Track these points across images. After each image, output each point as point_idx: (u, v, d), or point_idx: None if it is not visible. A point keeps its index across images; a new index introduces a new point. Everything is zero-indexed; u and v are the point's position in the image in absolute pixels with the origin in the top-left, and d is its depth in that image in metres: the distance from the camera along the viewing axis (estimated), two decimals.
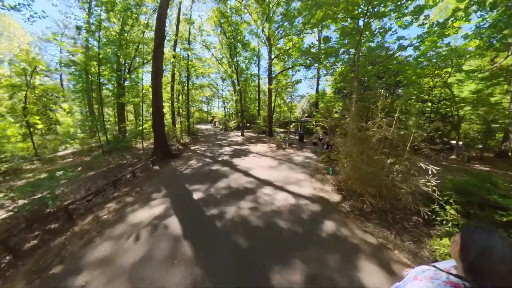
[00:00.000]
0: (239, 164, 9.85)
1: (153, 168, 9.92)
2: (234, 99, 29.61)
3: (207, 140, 20.06)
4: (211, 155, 12.37)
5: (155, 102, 10.93)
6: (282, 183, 7.26)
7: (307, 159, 11.83)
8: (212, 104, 52.72)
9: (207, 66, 34.09)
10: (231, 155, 12.19)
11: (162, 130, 11.36)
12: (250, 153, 12.75)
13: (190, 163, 10.51)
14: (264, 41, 23.23)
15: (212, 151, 13.67)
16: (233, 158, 11.16)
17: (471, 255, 1.01)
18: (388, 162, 5.65)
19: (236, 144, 16.95)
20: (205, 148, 15.11)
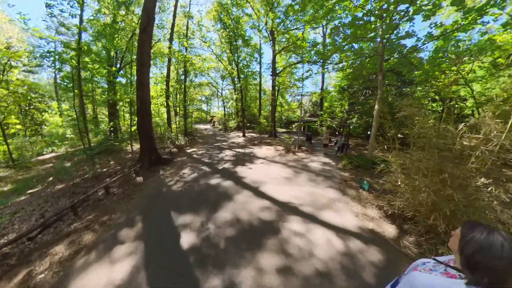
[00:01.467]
0: (245, 176, 7.58)
1: (136, 180, 7.66)
2: (234, 98, 27.34)
3: (205, 141, 17.78)
4: (209, 161, 10.10)
5: (139, 96, 8.65)
6: (312, 207, 5.04)
7: (325, 165, 9.67)
8: (211, 103, 50.40)
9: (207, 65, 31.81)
10: (234, 161, 9.93)
11: (149, 131, 9.09)
12: (256, 159, 10.51)
13: (183, 173, 8.24)
14: (267, 35, 20.98)
15: (210, 155, 11.39)
16: (236, 166, 8.90)
17: (469, 249, 0.99)
18: (478, 184, 3.55)
19: (238, 146, 14.70)
20: (203, 151, 12.85)
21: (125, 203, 5.78)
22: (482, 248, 0.95)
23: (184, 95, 20.38)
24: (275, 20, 19.55)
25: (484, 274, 0.92)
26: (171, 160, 10.59)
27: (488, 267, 0.92)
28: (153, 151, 9.35)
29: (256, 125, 32.18)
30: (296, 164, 9.63)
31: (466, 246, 1.01)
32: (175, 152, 12.81)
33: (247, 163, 9.57)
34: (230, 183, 6.74)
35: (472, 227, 1.05)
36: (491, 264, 0.91)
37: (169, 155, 11.74)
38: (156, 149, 9.68)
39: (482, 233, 0.99)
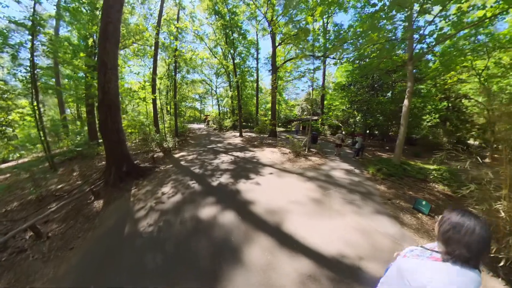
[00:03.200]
0: (254, 199, 5.03)
1: (92, 207, 5.04)
2: (230, 95, 24.66)
3: (198, 142, 15.11)
4: (201, 171, 7.48)
5: (101, 83, 5.96)
6: (381, 262, 2.55)
7: (350, 174, 7.45)
8: (205, 102, 47.42)
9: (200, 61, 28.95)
10: (233, 171, 7.35)
11: (116, 131, 6.40)
12: (261, 167, 7.96)
13: (163, 192, 5.61)
14: (267, 26, 18.44)
15: (203, 162, 8.76)
16: (238, 181, 6.32)
17: (445, 227, 1.08)
18: None
19: (236, 148, 12.12)
20: (194, 155, 10.21)
21: (57, 260, 3.19)
22: (455, 226, 1.03)
23: (175, 91, 17.60)
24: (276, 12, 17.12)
25: (455, 247, 0.99)
26: (152, 169, 7.95)
27: (459, 241, 0.99)
28: (124, 159, 6.69)
29: (253, 124, 29.65)
30: (316, 174, 7.18)
31: (442, 225, 1.10)
32: (160, 157, 10.13)
33: (251, 174, 7.01)
34: (232, 217, 4.15)
35: (451, 211, 1.13)
36: (462, 240, 0.98)
37: (151, 162, 9.07)
38: (128, 156, 7.00)
39: (458, 215, 1.07)
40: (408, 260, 1.21)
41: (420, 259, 1.17)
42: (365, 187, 6.21)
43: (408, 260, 1.21)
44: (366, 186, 6.30)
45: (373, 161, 9.65)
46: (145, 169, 7.69)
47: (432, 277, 1.00)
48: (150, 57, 18.21)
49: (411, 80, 8.36)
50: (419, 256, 1.20)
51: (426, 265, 1.09)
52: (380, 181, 6.80)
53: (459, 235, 1.00)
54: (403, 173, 7.30)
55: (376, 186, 6.28)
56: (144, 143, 11.45)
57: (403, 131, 8.53)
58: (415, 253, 1.25)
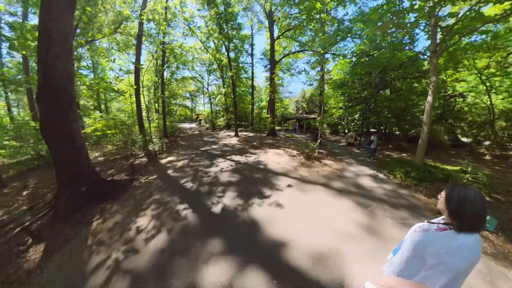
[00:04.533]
0: (285, 237, 3.15)
1: (22, 262, 2.95)
2: (223, 92, 22.49)
3: (189, 144, 12.95)
4: (195, 185, 5.42)
5: (42, 62, 3.80)
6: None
7: (379, 182, 6.16)
8: (197, 100, 44.69)
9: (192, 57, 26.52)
10: (239, 185, 5.35)
11: (69, 136, 4.25)
12: (273, 176, 5.99)
13: (138, 228, 3.56)
14: (265, 17, 16.46)
15: (196, 171, 6.67)
16: (250, 202, 4.33)
17: (453, 204, 1.15)
18: None
19: (234, 150, 10.10)
20: (185, 161, 8.11)
21: None
22: (461, 200, 1.11)
23: (162, 87, 15.30)
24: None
25: (467, 219, 1.09)
26: (129, 183, 5.84)
27: (467, 213, 1.09)
28: (84, 174, 4.56)
29: (247, 122, 27.62)
30: (344, 185, 5.56)
31: (450, 202, 1.17)
32: (143, 164, 7.98)
33: (264, 188, 5.06)
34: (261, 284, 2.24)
35: (453, 187, 1.19)
36: (469, 210, 1.09)
37: (129, 171, 6.93)
38: (90, 169, 4.86)
39: (459, 190, 1.15)
40: (418, 234, 1.28)
41: (430, 232, 1.24)
42: (404, 197, 5.04)
43: (418, 234, 1.28)
44: (404, 196, 5.12)
45: (391, 163, 8.32)
46: (118, 185, 5.59)
47: (443, 244, 1.12)
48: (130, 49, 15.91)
49: (435, 74, 7.41)
50: (427, 230, 1.27)
51: (436, 236, 1.18)
52: (413, 187, 5.76)
53: (468, 209, 1.09)
54: (432, 177, 6.42)
55: (415, 195, 5.19)
56: (124, 146, 9.24)
57: (426, 130, 7.68)
58: (424, 228, 1.32)
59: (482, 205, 1.08)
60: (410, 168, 7.01)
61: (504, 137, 16.54)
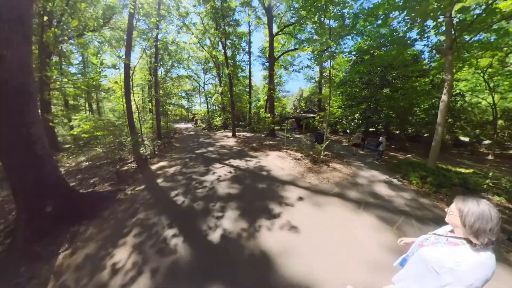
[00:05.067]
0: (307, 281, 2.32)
1: None
2: (220, 91, 21.52)
3: (184, 146, 12.03)
4: (187, 200, 4.53)
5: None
6: None
7: (394, 188, 5.69)
8: (193, 100, 43.43)
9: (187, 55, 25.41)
10: (240, 199, 4.49)
11: (27, 144, 3.35)
12: (279, 186, 5.16)
13: (114, 266, 2.71)
14: (263, 13, 15.57)
15: (189, 181, 5.76)
16: (256, 226, 3.49)
17: (471, 220, 1.06)
18: None
19: (232, 153, 9.23)
20: (178, 166, 7.20)
21: None
22: (479, 217, 1.04)
23: (156, 85, 14.29)
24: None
25: (484, 236, 1.02)
26: (112, 197, 4.94)
27: (485, 229, 1.02)
28: (51, 190, 3.66)
29: (245, 122, 26.73)
30: (360, 194, 4.95)
31: (466, 218, 1.08)
32: (131, 171, 7.05)
33: (271, 203, 4.21)
34: None
35: (465, 201, 1.12)
36: (487, 227, 1.02)
37: (114, 181, 6.02)
38: (58, 183, 3.94)
39: (475, 205, 1.08)
40: (429, 249, 1.22)
41: (440, 246, 1.18)
42: (427, 208, 4.48)
43: (429, 249, 1.22)
44: (427, 206, 4.57)
45: (401, 166, 7.64)
46: (98, 199, 4.69)
47: (459, 261, 1.05)
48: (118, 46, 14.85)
49: (450, 72, 6.89)
50: (436, 243, 1.22)
51: (449, 251, 1.12)
52: (433, 195, 5.22)
53: (486, 225, 1.02)
54: (449, 182, 5.85)
55: (437, 205, 4.66)
56: (113, 149, 8.29)
57: (441, 131, 7.18)
58: (431, 241, 1.28)
59: (498, 221, 1.05)
60: (424, 172, 6.35)
61: (505, 136, 16.28)
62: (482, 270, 1.01)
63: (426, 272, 1.18)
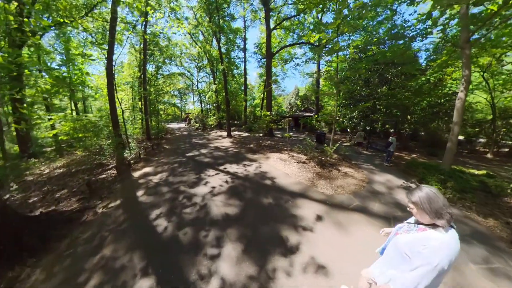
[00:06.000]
0: None
1: None
2: (214, 88, 20.27)
3: (175, 148, 10.82)
4: (169, 226, 3.44)
5: None
6: None
7: None
8: (186, 99, 41.83)
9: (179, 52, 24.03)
10: (240, 222, 3.42)
11: None
12: (289, 200, 4.10)
13: None
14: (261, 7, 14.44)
15: (176, 194, 4.64)
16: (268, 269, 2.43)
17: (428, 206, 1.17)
18: None
19: (228, 156, 8.12)
20: (164, 173, 6.04)
21: None
22: (429, 200, 1.17)
23: (144, 81, 12.98)
24: None
25: (444, 212, 1.14)
26: (76, 218, 3.79)
27: (441, 206, 1.15)
28: None
29: (240, 121, 25.59)
30: (384, 206, 4.12)
31: (424, 206, 1.18)
32: (109, 180, 5.86)
33: (283, 228, 3.17)
34: None
35: (413, 194, 1.24)
36: (439, 204, 1.15)
37: (85, 194, 4.84)
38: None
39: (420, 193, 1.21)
40: (402, 236, 1.31)
41: (411, 233, 1.27)
42: (459, 219, 3.83)
43: (402, 236, 1.31)
44: (458, 217, 3.89)
45: (414, 167, 6.99)
46: (56, 222, 3.54)
47: (425, 245, 1.13)
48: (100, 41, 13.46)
49: (468, 67, 6.25)
50: (408, 231, 1.31)
51: (418, 237, 1.20)
52: (459, 203, 4.57)
53: (438, 203, 1.16)
54: (470, 186, 5.21)
55: (468, 215, 4.05)
56: (88, 154, 7.06)
57: (457, 131, 6.48)
58: (405, 229, 1.36)
59: (442, 195, 1.19)
60: (441, 175, 5.69)
61: (501, 134, 16.06)
62: (445, 251, 1.08)
63: (400, 258, 1.27)
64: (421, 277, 1.08)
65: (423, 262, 1.09)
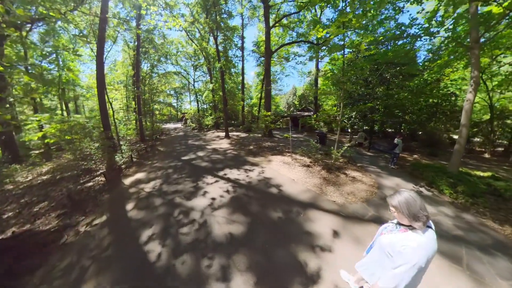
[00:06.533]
0: None
1: None
2: (211, 87, 19.59)
3: (170, 150, 10.19)
4: (163, 252, 2.91)
5: None
6: None
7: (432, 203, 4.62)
8: (182, 99, 40.86)
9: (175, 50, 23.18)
10: (248, 244, 2.89)
11: None
12: (296, 209, 3.60)
13: None
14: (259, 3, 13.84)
15: (169, 208, 4.06)
16: None
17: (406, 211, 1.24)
18: None
19: (227, 159, 7.56)
20: (158, 181, 5.45)
21: None
22: (407, 204, 1.25)
23: (137, 80, 12.28)
24: None
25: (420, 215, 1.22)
26: (54, 240, 3.19)
27: (418, 210, 1.23)
28: None
29: (237, 121, 24.99)
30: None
31: (403, 210, 1.26)
32: (96, 189, 5.24)
33: (300, 250, 2.64)
34: None
35: (393, 198, 1.34)
36: (417, 207, 1.23)
37: (67, 207, 4.22)
38: None
39: (399, 197, 1.30)
40: (385, 236, 1.41)
41: (394, 233, 1.36)
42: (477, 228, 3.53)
43: (385, 236, 1.41)
44: (475, 226, 3.61)
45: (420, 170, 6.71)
46: (25, 249, 2.94)
47: (404, 245, 1.22)
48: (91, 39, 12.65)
49: (477, 67, 6.10)
50: (392, 231, 1.40)
51: (399, 237, 1.30)
52: (472, 209, 4.28)
53: (416, 207, 1.23)
54: (480, 190, 4.97)
55: (484, 222, 3.75)
56: (74, 159, 6.40)
57: (466, 133, 6.32)
58: (389, 229, 1.45)
59: (420, 198, 1.27)
60: (449, 178, 5.50)
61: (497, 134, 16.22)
62: (422, 250, 1.16)
63: (383, 257, 1.37)
64: (402, 275, 1.18)
65: (403, 261, 1.18)
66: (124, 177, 6.08)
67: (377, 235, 1.57)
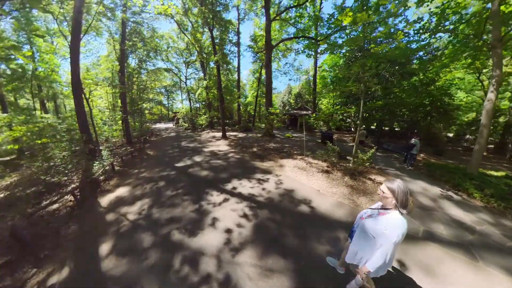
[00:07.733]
0: None
1: None
2: (204, 85, 18.00)
3: (161, 154, 8.70)
4: None
5: None
6: None
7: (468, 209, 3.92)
8: (174, 98, 38.62)
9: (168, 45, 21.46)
10: None
11: None
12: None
13: None
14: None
15: (164, 254, 2.77)
16: None
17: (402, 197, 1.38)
18: None
19: (231, 166, 6.19)
20: (145, 202, 4.08)
21: None
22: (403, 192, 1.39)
23: (122, 73, 10.63)
24: None
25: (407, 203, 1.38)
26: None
27: (407, 199, 1.38)
28: None
29: (232, 120, 23.55)
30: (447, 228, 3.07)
31: (399, 196, 1.39)
32: (61, 215, 3.80)
33: None
34: None
35: (393, 183, 1.44)
36: (408, 197, 1.39)
37: (12, 252, 2.79)
38: None
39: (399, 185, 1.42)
40: (366, 221, 1.56)
41: (374, 217, 1.52)
42: None
43: (366, 221, 1.56)
44: None
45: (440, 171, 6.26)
46: None
47: (385, 226, 1.39)
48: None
49: (499, 66, 5.80)
50: (371, 216, 1.55)
51: (380, 220, 1.45)
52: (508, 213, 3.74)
53: (407, 196, 1.39)
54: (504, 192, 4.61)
55: None
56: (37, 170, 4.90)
57: (486, 133, 6.02)
58: (368, 213, 1.61)
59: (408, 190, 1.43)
60: (472, 179, 5.33)
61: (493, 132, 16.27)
62: (400, 228, 1.34)
63: (367, 238, 1.52)
64: (386, 252, 1.36)
65: (386, 240, 1.36)
66: (101, 194, 4.62)
67: (358, 219, 1.73)
